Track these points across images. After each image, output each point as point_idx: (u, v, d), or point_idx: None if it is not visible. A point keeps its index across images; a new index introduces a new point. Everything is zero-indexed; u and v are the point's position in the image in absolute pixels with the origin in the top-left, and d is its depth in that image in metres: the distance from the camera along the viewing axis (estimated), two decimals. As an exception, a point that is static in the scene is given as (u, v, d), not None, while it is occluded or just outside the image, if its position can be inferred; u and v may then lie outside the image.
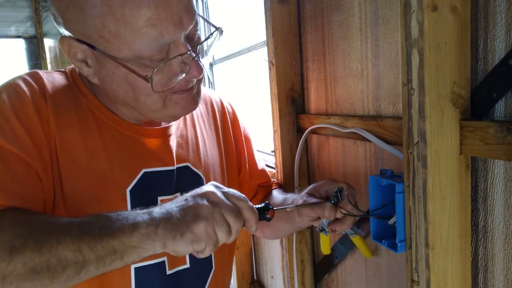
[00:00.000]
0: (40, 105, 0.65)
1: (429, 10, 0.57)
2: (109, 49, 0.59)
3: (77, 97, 0.70)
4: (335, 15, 0.97)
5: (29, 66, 4.25)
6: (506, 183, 0.60)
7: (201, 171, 0.80)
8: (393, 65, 0.80)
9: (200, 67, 0.63)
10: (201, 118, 0.85)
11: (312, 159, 1.16)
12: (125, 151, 0.71)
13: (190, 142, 0.80)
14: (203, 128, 0.84)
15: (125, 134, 0.71)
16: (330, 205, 0.73)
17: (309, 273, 1.22)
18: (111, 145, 0.69)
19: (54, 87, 0.68)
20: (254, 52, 1.82)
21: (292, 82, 1.14)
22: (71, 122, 0.67)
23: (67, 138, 0.66)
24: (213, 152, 0.84)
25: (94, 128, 0.69)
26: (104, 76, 0.63)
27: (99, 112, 0.70)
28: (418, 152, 0.62)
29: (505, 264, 0.62)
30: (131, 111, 0.70)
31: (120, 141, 0.70)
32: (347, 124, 0.92)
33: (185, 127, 0.81)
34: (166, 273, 0.74)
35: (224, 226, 0.57)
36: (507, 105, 0.58)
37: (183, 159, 0.77)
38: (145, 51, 0.58)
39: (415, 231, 0.64)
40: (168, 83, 0.62)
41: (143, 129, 0.73)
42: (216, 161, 0.84)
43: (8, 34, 4.11)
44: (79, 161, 0.67)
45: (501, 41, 0.58)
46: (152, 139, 0.74)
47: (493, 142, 0.56)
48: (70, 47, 0.62)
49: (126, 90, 0.63)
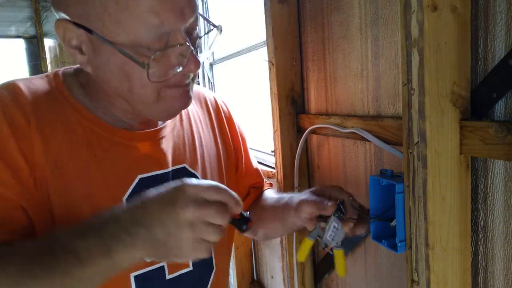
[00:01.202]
0: (20, 125, 0.60)
1: (429, 10, 0.57)
2: (107, 33, 0.57)
3: (62, 106, 0.66)
4: (335, 15, 0.97)
5: (29, 66, 4.25)
6: (506, 183, 0.60)
7: (198, 171, 0.78)
8: (393, 65, 0.80)
9: (197, 61, 0.61)
10: (197, 117, 0.84)
11: (312, 159, 1.16)
12: (117, 159, 0.67)
13: (187, 142, 0.78)
14: (199, 127, 0.83)
15: (116, 141, 0.68)
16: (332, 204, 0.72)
17: (309, 273, 1.22)
18: (102, 156, 0.66)
19: (36, 99, 0.64)
20: (254, 52, 1.82)
21: (292, 82, 1.14)
22: (58, 138, 0.63)
23: (55, 156, 0.62)
24: (210, 152, 0.83)
25: (83, 140, 0.65)
26: (99, 64, 0.61)
27: (86, 121, 0.66)
28: (418, 152, 0.62)
29: (505, 264, 0.62)
30: (123, 109, 0.67)
31: (111, 150, 0.67)
32: (347, 124, 0.92)
33: (182, 127, 0.79)
34: (165, 277, 0.73)
35: (212, 232, 0.54)
36: (507, 105, 0.58)
37: (180, 160, 0.76)
38: (143, 39, 0.57)
39: (415, 231, 0.64)
40: (165, 74, 0.60)
41: (134, 134, 0.70)
42: (213, 160, 0.83)
43: (8, 34, 4.12)
44: (71, 178, 0.63)
45: (501, 41, 0.58)
46: (144, 142, 0.71)
47: (493, 142, 0.56)
48: (66, 32, 0.60)
49: (121, 80, 0.60)
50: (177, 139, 0.77)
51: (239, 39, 2.02)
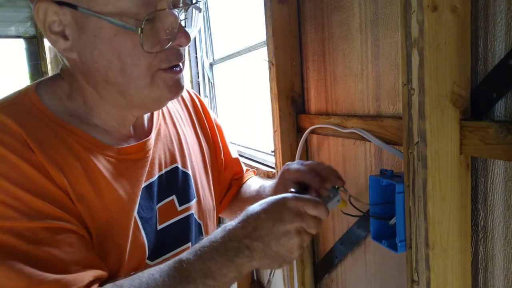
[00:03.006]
0: (31, 158, 0.56)
1: (429, 10, 0.57)
2: (93, 6, 0.55)
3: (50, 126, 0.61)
4: (335, 15, 0.97)
5: (29, 66, 4.25)
6: (506, 183, 0.60)
7: (189, 170, 0.78)
8: (393, 65, 0.80)
9: (187, 34, 0.60)
10: (178, 115, 0.83)
11: (312, 159, 1.16)
12: (122, 174, 0.65)
13: (175, 141, 0.77)
14: (181, 125, 0.82)
15: (115, 158, 0.65)
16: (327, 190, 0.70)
17: (309, 273, 1.22)
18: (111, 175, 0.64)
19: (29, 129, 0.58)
20: (254, 52, 1.82)
21: (292, 82, 1.14)
22: (66, 161, 0.60)
23: (72, 179, 0.59)
24: (194, 149, 0.83)
25: (88, 158, 0.62)
26: (84, 44, 0.58)
27: (79, 138, 0.62)
28: (418, 152, 0.62)
29: (505, 264, 0.62)
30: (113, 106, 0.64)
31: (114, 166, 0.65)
32: (347, 124, 0.92)
33: (167, 126, 0.78)
34: None
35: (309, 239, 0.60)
36: (507, 105, 0.58)
37: (172, 161, 0.75)
38: (131, 7, 0.55)
39: (415, 231, 0.64)
40: (157, 44, 0.59)
41: (126, 149, 0.67)
42: (198, 157, 0.83)
43: (8, 34, 4.11)
44: (94, 204, 0.61)
45: (501, 41, 0.58)
46: (138, 154, 0.69)
47: (493, 142, 0.56)
48: (47, 15, 0.57)
49: (110, 60, 0.58)
50: (165, 139, 0.76)
51: (239, 39, 2.02)
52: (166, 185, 0.73)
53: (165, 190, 0.73)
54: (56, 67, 4.26)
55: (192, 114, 0.87)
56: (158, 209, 0.71)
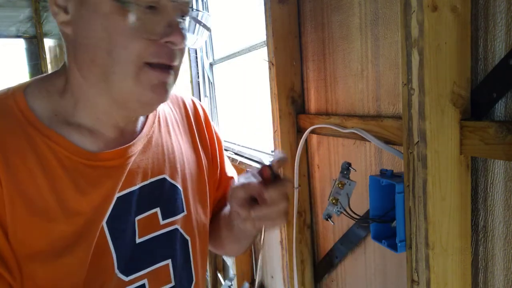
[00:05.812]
0: None
1: (429, 10, 0.57)
2: None
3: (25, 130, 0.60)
4: (335, 15, 0.97)
5: (29, 66, 4.25)
6: (506, 183, 0.60)
7: (178, 182, 0.75)
8: (393, 65, 0.80)
9: (184, 34, 0.60)
10: (176, 124, 0.80)
11: (312, 159, 1.16)
12: (93, 182, 0.64)
13: (166, 151, 0.75)
14: (178, 135, 0.79)
15: (88, 165, 0.64)
16: None
17: (309, 273, 1.22)
18: (79, 181, 0.62)
19: None
20: (254, 52, 1.82)
21: (292, 82, 1.14)
22: (30, 169, 0.59)
23: (27, 190, 0.58)
24: (190, 161, 0.79)
25: (57, 167, 0.61)
26: (81, 19, 0.59)
27: (54, 144, 0.61)
28: (418, 152, 0.62)
29: (505, 264, 0.62)
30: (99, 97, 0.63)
31: (86, 173, 0.63)
32: (347, 124, 0.92)
33: (160, 134, 0.75)
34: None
35: None
36: (507, 105, 0.58)
37: (159, 171, 0.72)
38: None
39: (415, 231, 0.64)
40: (150, 31, 0.58)
41: (103, 154, 0.65)
42: (193, 170, 0.80)
43: (8, 34, 4.12)
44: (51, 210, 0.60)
45: (501, 41, 0.58)
46: (116, 161, 0.66)
47: (493, 142, 0.56)
48: None
49: (102, 38, 0.58)
50: (156, 148, 0.73)
51: (239, 39, 2.02)
52: (149, 196, 0.70)
53: (148, 201, 0.70)
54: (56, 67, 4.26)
55: (193, 125, 0.83)
56: (138, 221, 0.68)
